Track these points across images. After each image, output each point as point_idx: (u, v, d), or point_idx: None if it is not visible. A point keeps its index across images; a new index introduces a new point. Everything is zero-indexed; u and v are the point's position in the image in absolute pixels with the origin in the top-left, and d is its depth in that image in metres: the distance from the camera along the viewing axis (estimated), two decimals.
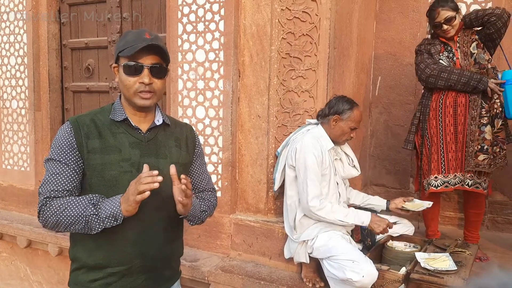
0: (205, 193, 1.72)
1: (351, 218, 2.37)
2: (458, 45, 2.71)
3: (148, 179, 1.31)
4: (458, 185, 2.70)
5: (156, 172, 1.33)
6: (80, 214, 1.38)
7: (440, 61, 2.70)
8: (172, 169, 1.43)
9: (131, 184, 1.37)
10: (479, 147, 2.60)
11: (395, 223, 2.58)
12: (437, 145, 2.72)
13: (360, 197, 2.76)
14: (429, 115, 2.75)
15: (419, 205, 2.59)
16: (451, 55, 2.71)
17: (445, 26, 2.65)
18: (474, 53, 2.66)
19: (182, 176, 1.40)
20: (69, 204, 1.40)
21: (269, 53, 2.72)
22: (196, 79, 2.93)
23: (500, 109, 2.58)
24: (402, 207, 2.58)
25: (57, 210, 1.39)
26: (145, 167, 1.39)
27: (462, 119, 2.64)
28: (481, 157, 2.60)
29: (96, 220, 1.38)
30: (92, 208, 1.38)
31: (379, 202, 2.72)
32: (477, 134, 2.60)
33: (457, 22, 2.66)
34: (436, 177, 2.73)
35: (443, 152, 2.71)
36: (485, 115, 2.60)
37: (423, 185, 2.82)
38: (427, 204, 2.58)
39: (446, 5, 2.64)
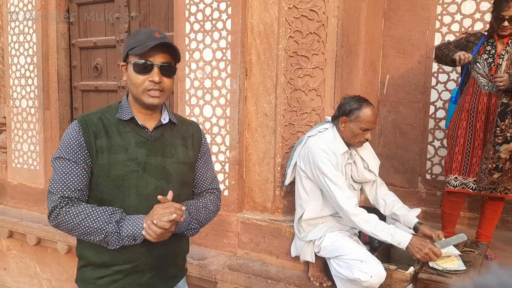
0: (206, 197, 1.67)
1: (384, 234, 2.17)
2: (507, 49, 2.61)
3: (179, 212, 1.37)
4: (479, 191, 2.68)
5: (184, 207, 1.43)
6: (100, 227, 1.38)
7: (477, 63, 2.66)
8: (169, 195, 1.43)
9: (156, 207, 1.39)
10: (494, 165, 2.58)
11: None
12: (464, 147, 2.71)
13: (389, 208, 2.54)
14: (460, 115, 2.73)
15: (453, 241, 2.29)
16: (490, 60, 2.64)
17: (506, 23, 2.54)
18: None
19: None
20: (89, 214, 1.39)
21: (276, 52, 2.72)
22: (203, 78, 2.93)
23: None
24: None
25: (75, 217, 1.39)
26: (170, 193, 1.44)
27: (492, 127, 2.62)
28: (496, 175, 2.60)
29: (116, 237, 1.39)
30: (115, 226, 1.39)
31: (407, 223, 2.43)
32: (491, 152, 2.58)
33: None
34: (456, 178, 2.73)
35: (469, 155, 2.69)
36: (499, 134, 2.56)
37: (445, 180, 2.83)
38: (460, 238, 2.29)
39: None
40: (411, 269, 2.23)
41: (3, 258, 4.13)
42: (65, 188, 1.41)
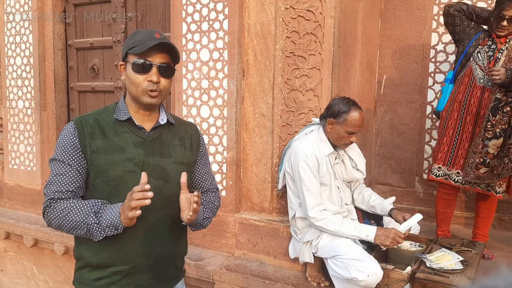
0: (209, 195, 1.71)
1: (352, 230, 2.27)
2: (506, 46, 2.62)
3: (139, 195, 1.28)
4: (461, 184, 2.70)
5: (148, 186, 1.30)
6: (81, 221, 1.39)
7: (479, 54, 2.66)
8: (183, 178, 1.44)
9: (127, 197, 1.35)
10: (481, 160, 2.57)
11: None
12: (452, 138, 2.72)
13: (366, 201, 2.63)
14: (453, 106, 2.74)
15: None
16: (490, 53, 2.64)
17: (505, 23, 2.54)
18: None
19: (195, 194, 1.38)
20: (71, 209, 1.40)
21: (273, 52, 2.72)
22: (200, 78, 2.93)
23: None
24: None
25: (60, 213, 1.40)
26: (143, 175, 1.34)
27: (484, 122, 2.62)
28: (482, 170, 2.58)
29: (97, 228, 1.39)
30: (93, 217, 1.39)
31: (383, 211, 2.56)
32: (480, 147, 2.58)
33: None
34: (439, 167, 2.76)
35: (455, 147, 2.71)
36: (490, 129, 2.56)
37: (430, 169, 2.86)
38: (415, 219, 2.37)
39: None
40: (409, 268, 2.23)
41: (0, 260, 4.12)
42: (56, 190, 1.42)
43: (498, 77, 2.49)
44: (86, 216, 1.39)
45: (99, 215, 1.39)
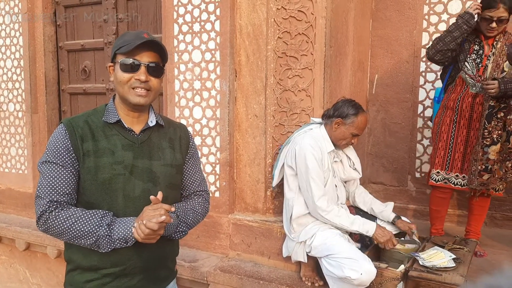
0: (194, 200, 1.66)
1: (356, 226, 2.37)
2: (493, 51, 2.63)
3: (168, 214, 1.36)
4: (460, 186, 2.73)
5: (173, 209, 1.39)
6: (91, 231, 1.37)
7: (466, 63, 2.68)
8: (159, 195, 1.41)
9: (146, 209, 1.38)
10: (483, 167, 2.61)
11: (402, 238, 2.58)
12: (447, 143, 2.76)
13: (368, 205, 2.73)
14: (445, 112, 2.77)
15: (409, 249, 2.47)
16: (478, 60, 2.66)
17: (494, 25, 2.55)
18: (506, 71, 2.58)
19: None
20: (79, 218, 1.38)
21: (265, 53, 2.72)
22: (192, 80, 2.93)
23: None
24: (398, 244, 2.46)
25: (65, 221, 1.38)
26: (160, 194, 1.41)
27: (477, 125, 2.65)
28: (486, 176, 2.61)
29: (107, 241, 1.38)
30: (106, 229, 1.38)
31: (385, 218, 2.67)
32: (480, 154, 2.60)
33: (504, 25, 2.58)
34: (438, 172, 2.79)
35: (451, 151, 2.74)
36: (487, 136, 2.58)
37: (429, 174, 2.88)
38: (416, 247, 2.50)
39: (509, 3, 2.51)
40: (402, 267, 2.25)
41: None
42: (53, 192, 1.40)
43: (493, 90, 2.51)
44: (98, 227, 1.37)
45: (111, 227, 1.38)
